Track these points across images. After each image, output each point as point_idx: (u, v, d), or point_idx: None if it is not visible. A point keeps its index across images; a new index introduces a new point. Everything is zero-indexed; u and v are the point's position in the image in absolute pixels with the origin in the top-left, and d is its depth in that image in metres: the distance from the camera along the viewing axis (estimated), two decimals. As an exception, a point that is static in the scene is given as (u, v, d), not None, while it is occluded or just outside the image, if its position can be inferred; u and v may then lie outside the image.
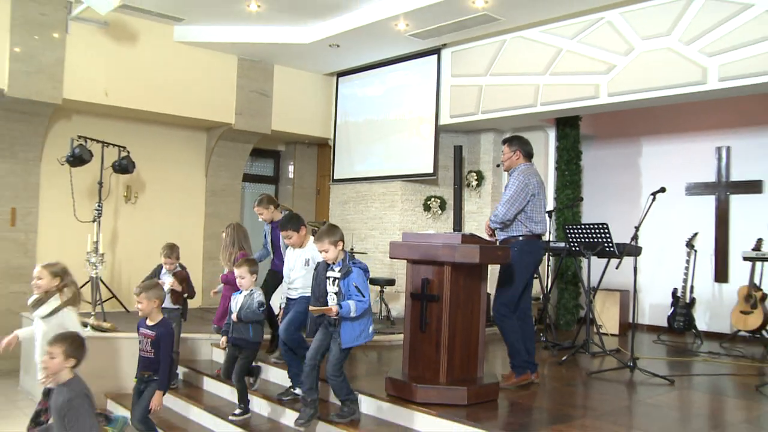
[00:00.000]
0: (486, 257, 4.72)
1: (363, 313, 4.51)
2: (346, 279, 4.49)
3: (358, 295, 4.45)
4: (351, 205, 10.64)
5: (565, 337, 8.16)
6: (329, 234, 4.57)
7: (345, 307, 4.43)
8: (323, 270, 4.68)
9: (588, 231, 6.96)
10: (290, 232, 5.38)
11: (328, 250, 4.57)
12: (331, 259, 4.58)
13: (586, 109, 8.06)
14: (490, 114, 8.88)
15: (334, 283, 4.56)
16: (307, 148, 11.94)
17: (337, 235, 4.57)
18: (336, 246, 4.56)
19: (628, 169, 9.62)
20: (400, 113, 9.99)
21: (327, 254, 4.58)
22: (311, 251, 5.33)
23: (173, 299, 6.19)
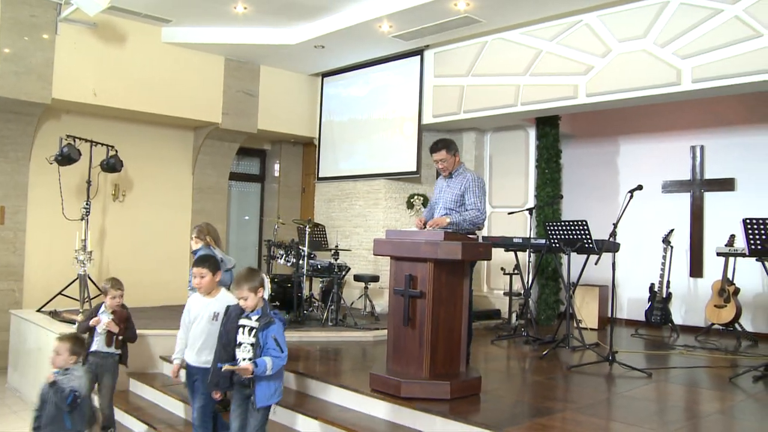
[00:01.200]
0: (468, 254, 4.70)
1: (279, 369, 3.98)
2: (265, 331, 3.94)
3: (276, 349, 3.91)
4: (336, 203, 10.59)
5: (545, 331, 8.17)
6: (249, 279, 4.02)
7: (261, 365, 3.85)
8: (235, 316, 4.09)
9: (568, 228, 6.96)
10: (204, 270, 4.47)
11: (247, 298, 4.01)
12: (250, 307, 4.03)
13: (565, 108, 8.07)
14: (471, 114, 8.86)
15: (250, 333, 3.99)
16: (293, 146, 11.89)
17: (257, 280, 4.03)
18: (256, 293, 4.02)
19: (607, 167, 9.65)
20: (384, 113, 9.95)
21: (246, 302, 4.01)
22: (221, 303, 4.45)
23: (107, 341, 5.19)
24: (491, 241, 7.87)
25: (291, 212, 11.57)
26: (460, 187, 5.45)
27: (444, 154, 5.50)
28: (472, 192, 5.42)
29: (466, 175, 5.49)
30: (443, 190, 5.59)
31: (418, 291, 4.73)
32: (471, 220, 5.34)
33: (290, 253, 8.36)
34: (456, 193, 5.45)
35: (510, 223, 9.09)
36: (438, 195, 5.66)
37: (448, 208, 5.47)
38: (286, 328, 4.23)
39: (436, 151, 5.54)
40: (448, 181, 5.56)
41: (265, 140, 11.65)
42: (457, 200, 5.44)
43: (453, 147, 5.54)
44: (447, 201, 5.49)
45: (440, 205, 5.57)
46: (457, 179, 5.51)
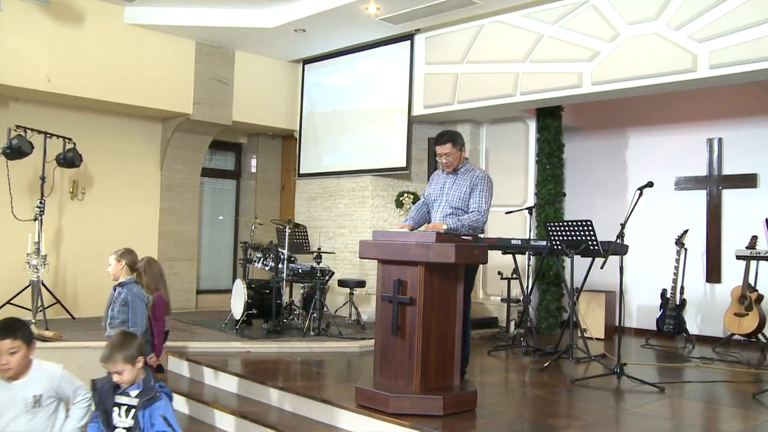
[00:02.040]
0: (462, 256, 4.68)
1: None
2: (149, 409, 3.53)
3: (168, 430, 3.48)
4: (318, 202, 10.55)
5: (547, 341, 8.15)
6: (123, 346, 3.56)
7: None
8: (109, 392, 3.64)
9: (571, 228, 6.93)
10: (17, 343, 3.54)
11: (122, 371, 3.56)
12: (127, 381, 3.58)
13: (569, 98, 8.05)
14: (466, 104, 8.83)
15: (128, 413, 3.57)
16: (271, 140, 11.84)
17: (134, 348, 3.57)
18: (134, 364, 3.56)
19: (614, 162, 9.65)
20: (371, 103, 9.92)
21: (122, 376, 3.56)
22: (41, 379, 3.60)
23: None
24: (487, 242, 7.84)
25: (269, 212, 11.52)
26: (469, 185, 5.42)
27: (450, 147, 5.45)
28: (480, 191, 5.39)
29: (475, 172, 5.47)
30: (447, 187, 5.52)
31: (408, 297, 4.71)
32: (470, 224, 5.31)
33: (268, 256, 8.32)
34: (464, 191, 5.42)
35: (508, 223, 9.07)
36: (438, 191, 5.59)
37: (455, 207, 5.42)
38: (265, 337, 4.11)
39: (441, 144, 5.49)
40: (454, 178, 5.52)
41: (241, 133, 11.60)
42: (465, 199, 5.42)
43: (460, 140, 5.51)
44: (454, 199, 5.44)
45: (443, 203, 5.50)
46: (466, 176, 5.47)
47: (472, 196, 5.39)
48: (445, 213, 5.43)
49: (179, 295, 10.07)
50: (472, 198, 5.39)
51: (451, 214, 5.41)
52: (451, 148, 5.44)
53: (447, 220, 5.38)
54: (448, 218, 5.39)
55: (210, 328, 8.20)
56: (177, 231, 10.17)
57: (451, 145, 5.44)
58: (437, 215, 5.50)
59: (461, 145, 5.49)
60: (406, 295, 4.72)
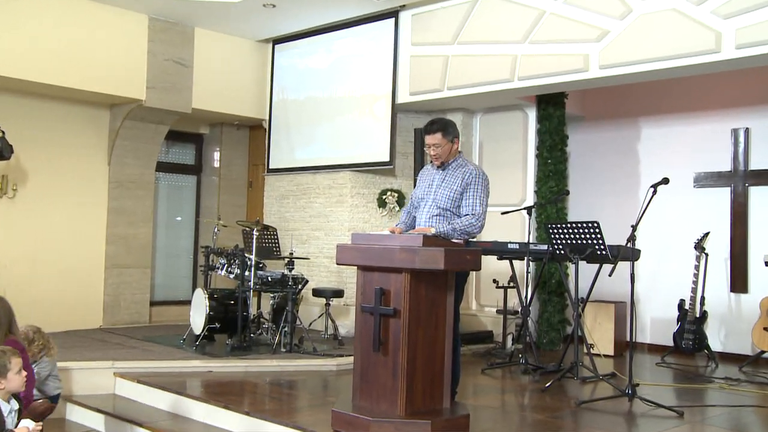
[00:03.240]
0: (452, 262, 4.68)
1: None
2: None
3: None
4: (290, 201, 10.52)
5: (549, 358, 8.17)
6: None
7: None
8: None
9: (575, 231, 6.94)
10: None
11: None
12: None
13: (574, 84, 8.07)
14: (458, 90, 8.84)
15: None
16: (237, 131, 11.81)
17: None
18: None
19: (624, 156, 9.68)
20: (350, 89, 9.90)
21: None
22: None
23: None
24: (481, 247, 7.83)
25: (235, 212, 11.48)
26: (461, 183, 5.36)
27: (439, 137, 5.39)
28: (474, 191, 5.34)
29: (468, 169, 5.41)
30: (436, 184, 5.47)
31: (392, 308, 4.71)
32: (464, 229, 5.25)
33: (233, 262, 8.29)
34: (455, 190, 5.35)
35: (504, 224, 9.06)
36: (425, 189, 5.54)
37: (443, 208, 5.36)
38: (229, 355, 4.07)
39: (430, 133, 5.44)
40: (443, 174, 5.47)
41: (202, 122, 11.56)
42: (456, 199, 5.35)
43: (452, 130, 5.46)
44: (442, 199, 5.38)
45: (429, 203, 5.45)
46: (457, 172, 5.42)
47: (465, 196, 5.34)
48: (432, 214, 5.39)
49: (130, 307, 9.99)
50: (465, 199, 5.34)
51: (438, 215, 5.36)
52: (441, 138, 5.38)
53: (434, 222, 5.35)
54: (435, 220, 5.36)
55: (166, 344, 8.15)
56: (128, 234, 10.08)
57: (441, 135, 5.39)
58: (423, 217, 5.45)
59: (454, 136, 5.44)
60: (389, 306, 4.72)
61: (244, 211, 11.78)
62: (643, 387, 6.52)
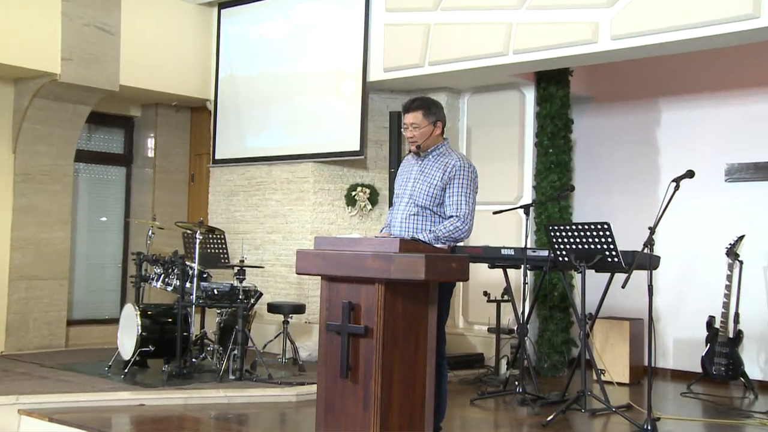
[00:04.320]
0: (435, 272, 4.66)
1: None
2: None
3: None
4: (241, 198, 10.53)
5: (551, 386, 8.21)
6: None
7: None
8: None
9: (582, 234, 6.97)
10: None
11: None
12: None
13: (580, 58, 8.12)
14: (441, 66, 8.88)
15: None
16: (176, 113, 11.77)
17: None
18: None
19: (641, 144, 9.70)
20: (313, 64, 9.92)
21: None
22: None
23: None
24: (469, 253, 7.87)
25: (173, 211, 11.43)
26: (442, 176, 5.35)
27: (419, 117, 5.39)
28: (459, 187, 5.34)
29: (452, 159, 5.40)
30: (414, 177, 5.48)
31: (362, 327, 4.71)
32: (448, 236, 5.28)
33: (171, 272, 8.27)
34: (434, 184, 5.35)
35: (497, 226, 9.10)
36: (402, 184, 5.55)
37: (421, 206, 5.37)
38: (166, 384, 4.07)
39: (409, 111, 5.44)
40: (422, 164, 5.47)
41: (132, 103, 11.51)
42: (435, 195, 5.35)
43: (435, 111, 5.45)
44: (420, 195, 5.38)
45: (406, 200, 5.46)
46: (437, 162, 5.42)
47: (448, 193, 5.34)
48: (409, 213, 5.40)
49: (41, 328, 9.82)
50: (448, 196, 5.34)
51: (416, 215, 5.38)
52: (422, 118, 5.38)
53: (411, 223, 5.37)
54: (413, 221, 5.38)
55: (87, 373, 8.08)
56: (40, 238, 9.97)
57: (421, 115, 5.39)
58: (398, 217, 5.45)
59: (437, 118, 5.44)
60: (359, 324, 4.72)
61: (184, 211, 11.76)
62: (664, 422, 6.55)
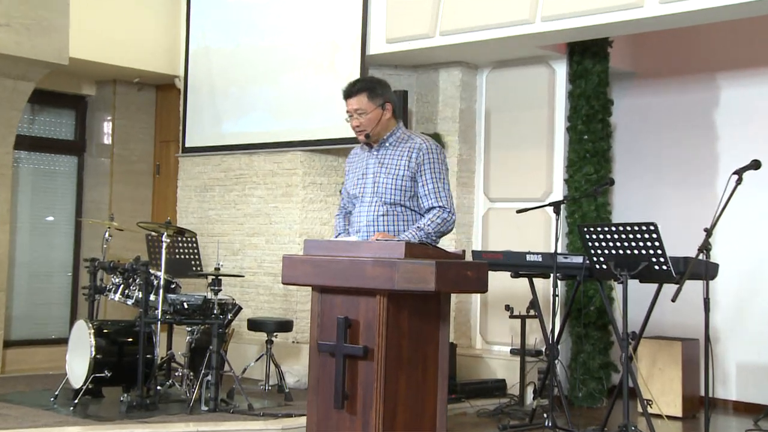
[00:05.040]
0: (448, 281, 4.67)
1: None
2: None
3: None
4: (216, 193, 10.57)
5: (587, 419, 8.25)
6: None
7: None
8: None
9: (623, 236, 6.95)
10: None
11: None
12: None
13: (622, 26, 8.13)
14: (454, 36, 8.91)
15: None
16: (138, 92, 11.83)
17: None
18: None
19: (694, 128, 9.68)
20: (301, 35, 9.95)
21: None
22: None
23: None
24: (488, 259, 7.85)
25: (135, 210, 11.48)
26: (407, 164, 5.44)
27: (364, 100, 5.46)
28: (431, 172, 5.44)
29: (416, 143, 5.49)
30: (372, 171, 5.54)
31: (361, 347, 4.71)
32: (437, 230, 5.39)
33: (132, 281, 8.26)
34: (401, 175, 5.44)
35: (521, 227, 9.12)
36: (357, 182, 5.63)
37: (391, 203, 5.45)
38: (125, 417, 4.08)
39: (351, 95, 5.52)
40: (380, 155, 5.54)
41: (85, 79, 11.56)
42: (405, 188, 5.44)
43: (381, 92, 5.52)
44: (386, 190, 5.45)
45: (368, 199, 5.53)
46: (398, 149, 5.50)
47: (421, 182, 5.44)
48: (378, 214, 5.47)
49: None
50: (422, 185, 5.44)
51: (386, 215, 5.45)
52: (366, 101, 5.46)
53: (382, 224, 5.42)
54: (383, 222, 5.43)
55: (28, 404, 8.08)
56: None
57: (366, 98, 5.46)
58: (363, 220, 5.53)
59: (384, 99, 5.51)
60: (357, 344, 4.73)
61: (148, 209, 11.83)
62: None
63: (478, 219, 9.93)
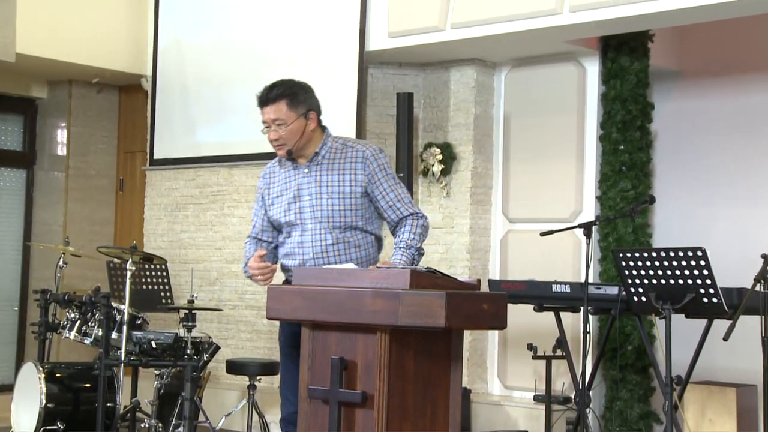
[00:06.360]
0: (459, 315, 4.65)
1: None
2: None
3: None
4: (190, 213, 10.64)
5: (622, 477, 8.21)
6: None
7: None
8: None
9: (665, 263, 6.97)
10: None
11: None
12: None
13: (664, 16, 8.17)
14: (468, 30, 8.96)
15: None
16: (98, 94, 11.87)
17: None
18: None
19: (751, 138, 9.59)
20: (289, 28, 10.03)
21: None
22: None
23: None
24: (507, 290, 7.87)
25: (94, 232, 11.56)
26: (354, 178, 5.48)
27: (283, 109, 5.50)
28: (385, 180, 5.51)
29: (357, 151, 5.55)
30: (308, 192, 5.55)
31: (359, 392, 4.72)
32: (423, 241, 5.48)
33: (91, 317, 8.29)
34: (349, 192, 5.48)
35: (546, 253, 9.14)
36: (286, 207, 5.62)
37: (343, 227, 5.49)
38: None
39: (267, 103, 5.58)
40: (314, 172, 5.56)
41: (35, 79, 11.65)
42: (356, 206, 5.48)
43: (304, 98, 5.56)
44: (331, 213, 5.47)
45: (309, 226, 5.53)
46: (338, 164, 5.54)
47: (379, 194, 5.50)
48: (326, 244, 5.50)
49: None
50: (382, 197, 5.49)
51: (335, 243, 5.48)
52: (286, 110, 5.50)
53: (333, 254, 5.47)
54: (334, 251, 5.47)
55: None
56: None
57: (286, 106, 5.50)
58: (308, 252, 5.54)
59: (307, 107, 5.54)
60: (354, 389, 4.74)
61: (110, 231, 11.90)
62: None
63: (496, 243, 9.93)
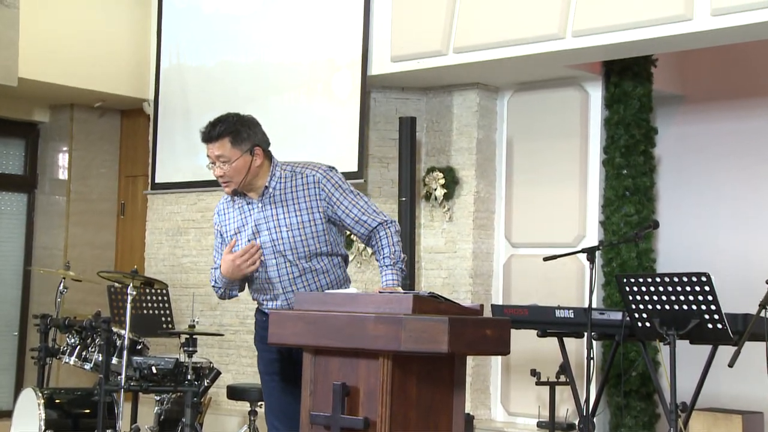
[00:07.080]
0: (462, 340, 4.65)
1: None
2: None
3: None
4: (192, 237, 10.64)
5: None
6: None
7: None
8: None
9: (670, 288, 6.95)
10: None
11: None
12: None
13: (667, 41, 8.17)
14: (471, 54, 8.96)
15: None
16: (99, 118, 11.86)
17: None
18: None
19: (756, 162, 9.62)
20: (292, 51, 10.03)
21: None
22: None
23: None
24: (510, 315, 7.84)
25: (96, 256, 11.55)
26: (310, 206, 5.46)
27: (227, 147, 5.41)
28: (344, 196, 5.48)
29: (307, 177, 5.51)
30: (267, 227, 5.51)
31: (361, 419, 4.70)
32: (401, 248, 5.47)
33: (91, 342, 8.29)
34: (310, 220, 5.45)
35: (550, 278, 9.13)
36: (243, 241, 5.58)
37: (309, 256, 5.47)
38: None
39: (211, 140, 5.48)
40: (265, 205, 5.54)
41: (38, 103, 11.65)
42: (320, 233, 5.46)
43: (247, 135, 5.48)
44: (294, 245, 5.45)
45: (273, 261, 5.53)
46: (291, 194, 5.50)
47: (342, 212, 5.46)
48: (294, 276, 5.51)
49: None
50: (346, 215, 5.46)
51: (304, 273, 5.48)
52: (230, 148, 5.41)
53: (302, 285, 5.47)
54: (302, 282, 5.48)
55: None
56: None
57: (229, 143, 5.41)
58: (278, 288, 5.58)
59: (252, 143, 5.47)
60: (357, 416, 4.73)
61: (111, 256, 11.89)
62: None
63: (499, 268, 9.91)
